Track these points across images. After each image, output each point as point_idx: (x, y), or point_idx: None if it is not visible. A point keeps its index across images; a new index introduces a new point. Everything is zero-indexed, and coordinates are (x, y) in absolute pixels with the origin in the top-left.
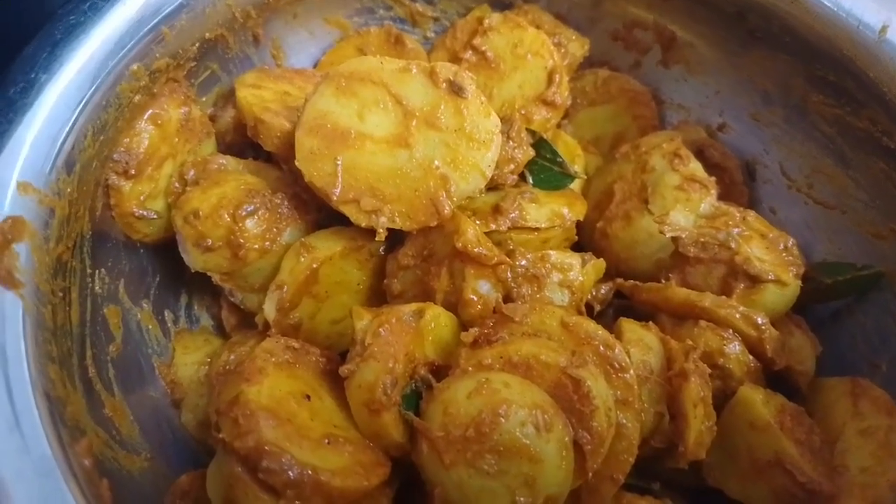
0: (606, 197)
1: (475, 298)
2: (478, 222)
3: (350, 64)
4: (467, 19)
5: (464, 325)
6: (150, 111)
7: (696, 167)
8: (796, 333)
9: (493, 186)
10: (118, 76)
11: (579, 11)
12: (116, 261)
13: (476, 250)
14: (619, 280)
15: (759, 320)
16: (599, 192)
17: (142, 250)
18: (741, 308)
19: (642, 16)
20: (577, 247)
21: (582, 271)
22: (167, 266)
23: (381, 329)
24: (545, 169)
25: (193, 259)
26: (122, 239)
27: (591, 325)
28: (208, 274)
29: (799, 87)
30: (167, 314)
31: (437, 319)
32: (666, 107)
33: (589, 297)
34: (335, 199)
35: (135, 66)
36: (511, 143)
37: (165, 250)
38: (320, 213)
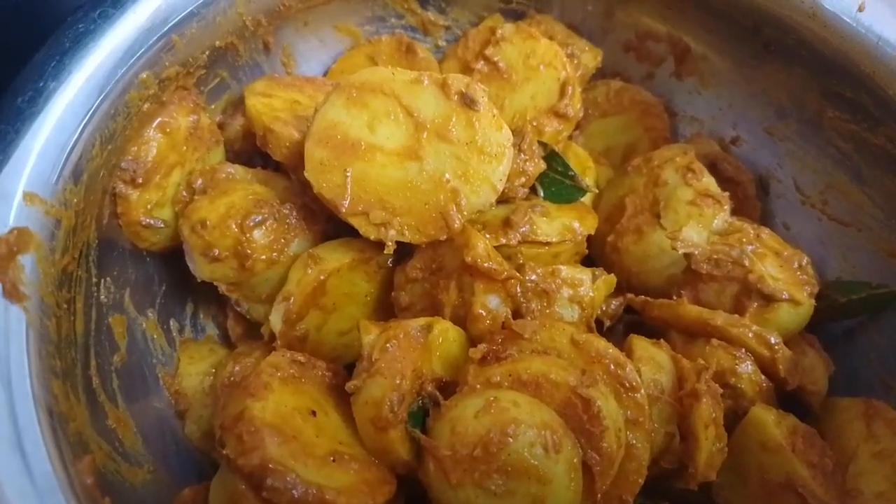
0: (618, 210)
1: (484, 313)
2: (488, 236)
3: (361, 74)
4: (479, 29)
5: (472, 340)
6: (159, 119)
7: (709, 182)
8: (809, 353)
9: (503, 199)
10: (127, 84)
11: (592, 22)
12: (122, 269)
13: (486, 265)
14: (630, 295)
15: (772, 340)
16: (611, 205)
17: (148, 259)
18: (754, 327)
19: (656, 27)
20: (588, 260)
21: (592, 287)
22: (173, 275)
23: (388, 344)
24: (556, 182)
25: (200, 269)
26: (129, 247)
27: (601, 344)
28: (215, 283)
29: (814, 102)
30: (173, 323)
31: (446, 334)
32: (679, 119)
33: (599, 312)
34: (344, 210)
35: (144, 75)
36: (522, 155)
37: (172, 259)
38: (328, 224)
